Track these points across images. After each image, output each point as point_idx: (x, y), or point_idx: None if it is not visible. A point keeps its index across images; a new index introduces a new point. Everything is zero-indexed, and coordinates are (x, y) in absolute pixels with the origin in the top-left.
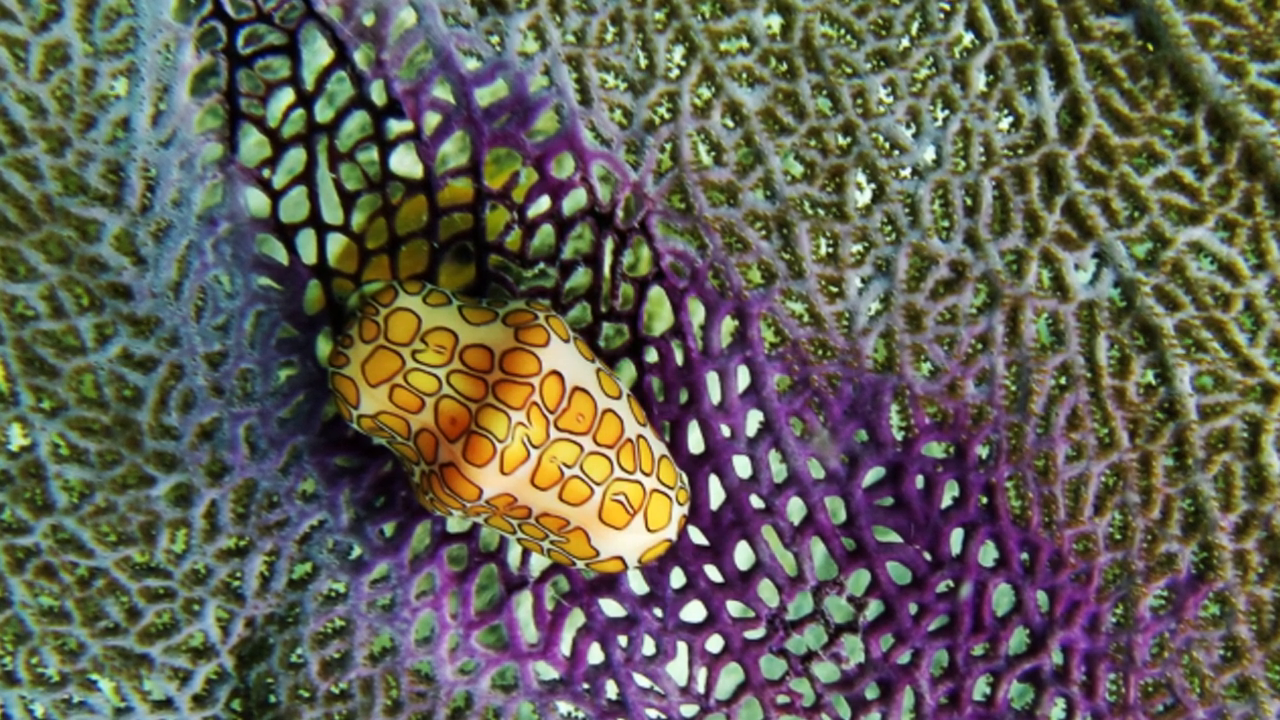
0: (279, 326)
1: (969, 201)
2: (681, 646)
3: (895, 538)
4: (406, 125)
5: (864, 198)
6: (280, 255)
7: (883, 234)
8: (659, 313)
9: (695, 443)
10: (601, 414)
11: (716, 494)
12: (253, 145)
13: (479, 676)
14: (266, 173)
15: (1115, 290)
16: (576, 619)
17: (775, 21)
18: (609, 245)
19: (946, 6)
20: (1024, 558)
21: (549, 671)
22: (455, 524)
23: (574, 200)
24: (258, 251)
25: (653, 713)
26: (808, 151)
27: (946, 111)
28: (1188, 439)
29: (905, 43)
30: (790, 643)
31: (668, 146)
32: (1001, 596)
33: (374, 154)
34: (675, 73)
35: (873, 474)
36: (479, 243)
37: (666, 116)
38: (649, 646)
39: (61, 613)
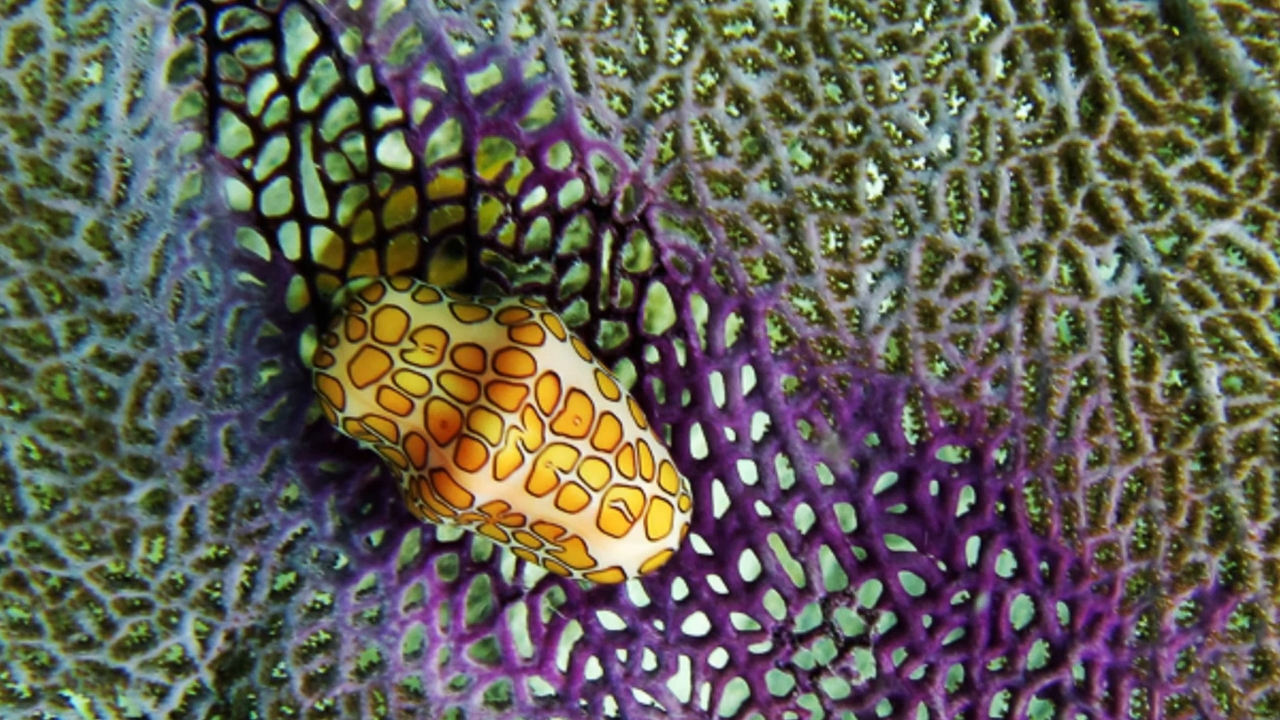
0: (260, 325)
1: (985, 193)
2: (683, 661)
3: (908, 546)
4: (395, 113)
5: (875, 189)
6: (262, 250)
7: (895, 227)
8: (660, 310)
9: (698, 447)
10: (599, 416)
11: (720, 501)
12: (233, 134)
13: (471, 692)
14: (247, 163)
15: (1139, 286)
16: (573, 632)
17: (782, 4)
18: (607, 239)
19: None
20: (1043, 568)
21: (544, 687)
22: (446, 532)
23: (571, 192)
24: (238, 246)
25: None
26: (816, 141)
27: (962, 99)
28: (1215, 443)
29: (919, 27)
30: (798, 657)
31: (669, 136)
32: (1020, 608)
33: (360, 144)
34: (677, 58)
35: (884, 479)
36: (471, 237)
37: (668, 104)
38: (649, 661)
39: (32, 625)
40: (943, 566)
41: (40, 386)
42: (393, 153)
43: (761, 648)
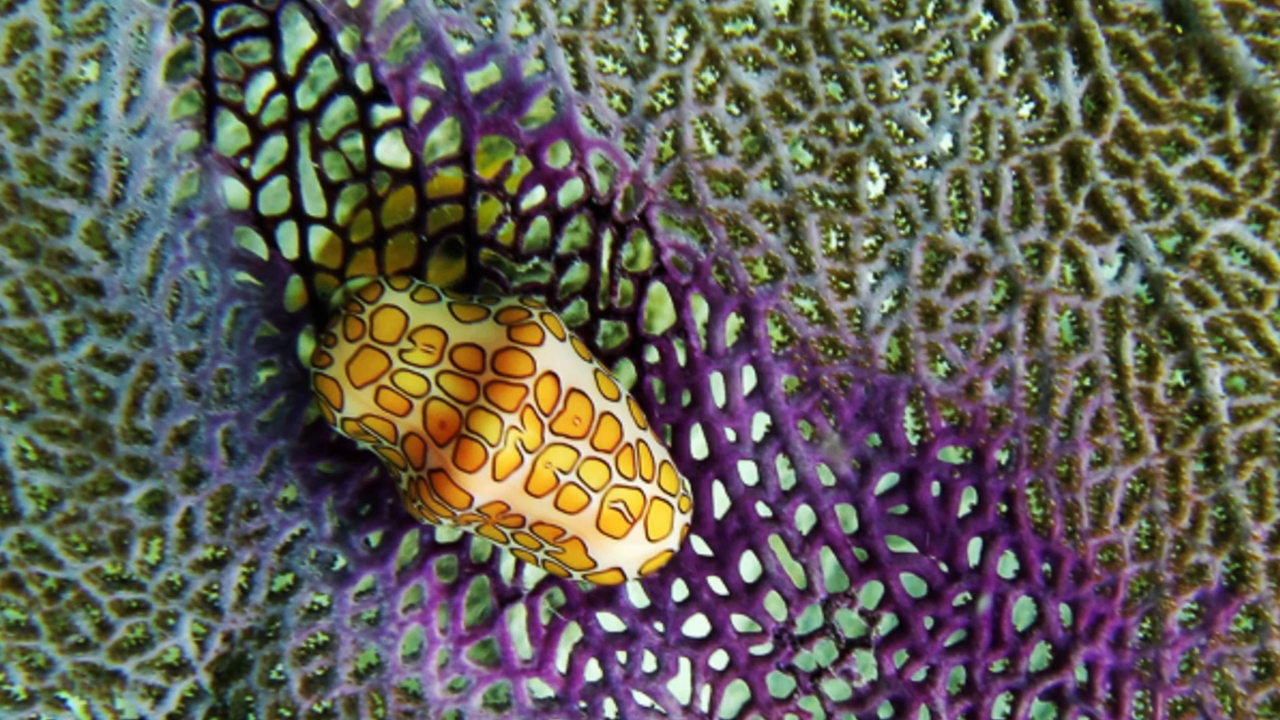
0: (258, 325)
1: (988, 192)
2: (684, 663)
3: (910, 548)
4: (393, 112)
5: (877, 188)
6: (260, 249)
7: (896, 227)
8: (660, 310)
9: (698, 447)
10: (599, 417)
11: (721, 501)
12: (231, 133)
13: (470, 694)
14: (245, 162)
15: (1142, 286)
16: (573, 634)
17: (783, 2)
18: (607, 239)
19: None
20: (1046, 569)
21: (544, 689)
22: (444, 533)
23: (570, 191)
24: (236, 245)
25: None
26: (817, 139)
27: (964, 97)
28: (1219, 443)
29: (920, 25)
30: (799, 659)
31: (669, 134)
32: (1022, 610)
33: (359, 142)
34: (677, 56)
35: (886, 480)
36: (470, 236)
37: (668, 102)
38: (649, 663)
39: (28, 627)
40: (944, 568)
41: (37, 386)
42: (391, 151)
43: (762, 649)
